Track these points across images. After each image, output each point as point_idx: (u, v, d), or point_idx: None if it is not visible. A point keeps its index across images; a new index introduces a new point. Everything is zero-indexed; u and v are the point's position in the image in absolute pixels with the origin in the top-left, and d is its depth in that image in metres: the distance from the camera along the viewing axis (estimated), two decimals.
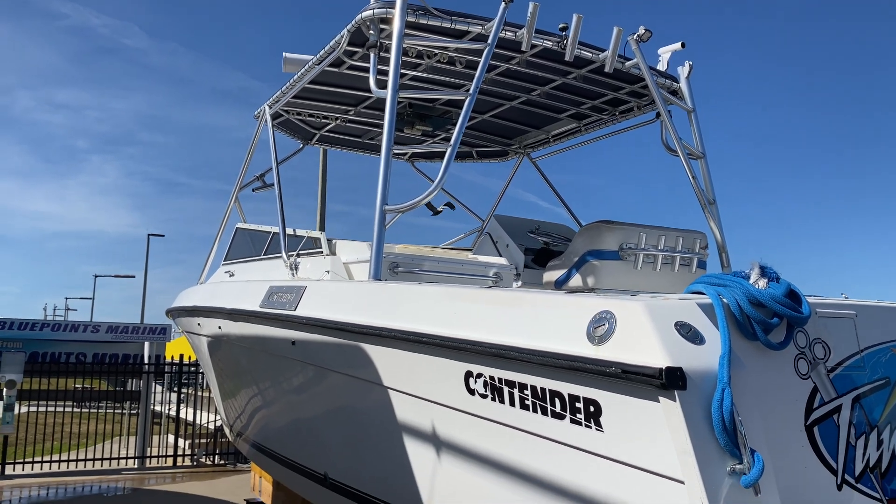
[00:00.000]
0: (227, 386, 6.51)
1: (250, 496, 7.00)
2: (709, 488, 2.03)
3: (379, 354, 3.51)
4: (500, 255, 5.84)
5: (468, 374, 2.95)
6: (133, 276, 43.32)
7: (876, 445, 2.64)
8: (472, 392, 2.94)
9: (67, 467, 10.91)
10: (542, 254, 5.91)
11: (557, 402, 2.53)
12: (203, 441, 11.93)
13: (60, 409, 12.08)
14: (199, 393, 12.15)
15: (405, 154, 7.59)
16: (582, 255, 5.07)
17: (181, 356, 11.72)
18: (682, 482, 2.08)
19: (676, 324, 2.28)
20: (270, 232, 5.81)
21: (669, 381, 2.09)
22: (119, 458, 11.16)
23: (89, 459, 11.02)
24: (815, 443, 2.51)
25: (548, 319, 2.65)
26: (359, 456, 3.97)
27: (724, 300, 2.45)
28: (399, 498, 3.55)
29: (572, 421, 2.47)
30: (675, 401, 2.10)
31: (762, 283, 2.56)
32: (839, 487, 2.52)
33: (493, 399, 2.82)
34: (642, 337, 2.24)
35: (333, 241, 4.91)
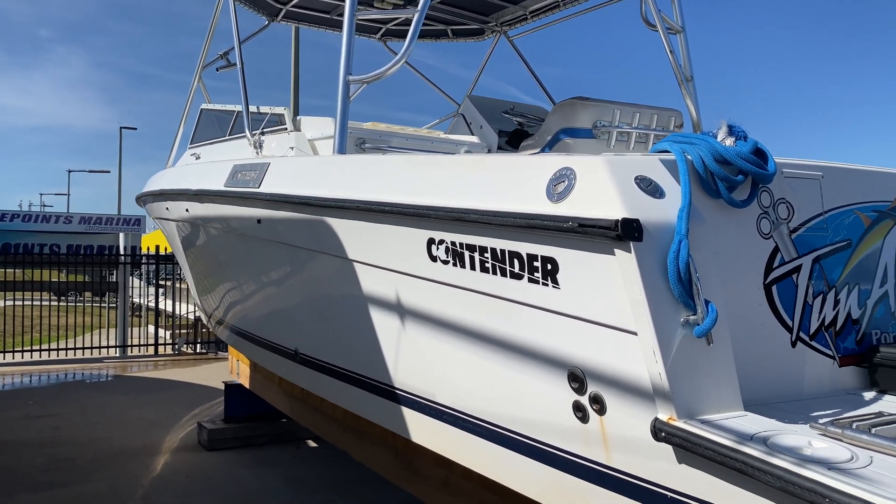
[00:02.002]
0: (200, 271, 6.48)
1: (229, 379, 7.12)
2: (661, 338, 2.03)
3: (342, 227, 3.46)
4: (475, 136, 5.71)
5: (430, 241, 2.90)
6: (108, 172, 42.65)
7: (833, 305, 2.66)
8: (434, 259, 2.91)
9: (49, 356, 11.04)
10: (516, 135, 5.78)
11: (516, 262, 2.50)
12: (184, 331, 12.07)
13: (38, 302, 12.08)
14: (178, 285, 12.19)
15: (377, 31, 7.27)
16: (555, 133, 4.95)
17: (157, 248, 11.66)
18: (636, 333, 2.08)
19: (636, 178, 2.22)
20: (235, 111, 5.61)
21: (625, 233, 2.04)
22: (101, 347, 11.30)
23: (71, 349, 11.15)
24: (772, 301, 2.52)
25: (508, 181, 2.59)
26: (326, 330, 3.99)
27: (689, 157, 2.39)
28: (366, 367, 3.59)
29: (530, 280, 2.45)
30: (630, 252, 2.06)
31: (729, 140, 2.49)
32: (793, 344, 2.56)
33: (455, 264, 2.79)
34: (601, 191, 2.18)
35: (298, 118, 4.75)
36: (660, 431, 2.01)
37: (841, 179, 2.77)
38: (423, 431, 3.28)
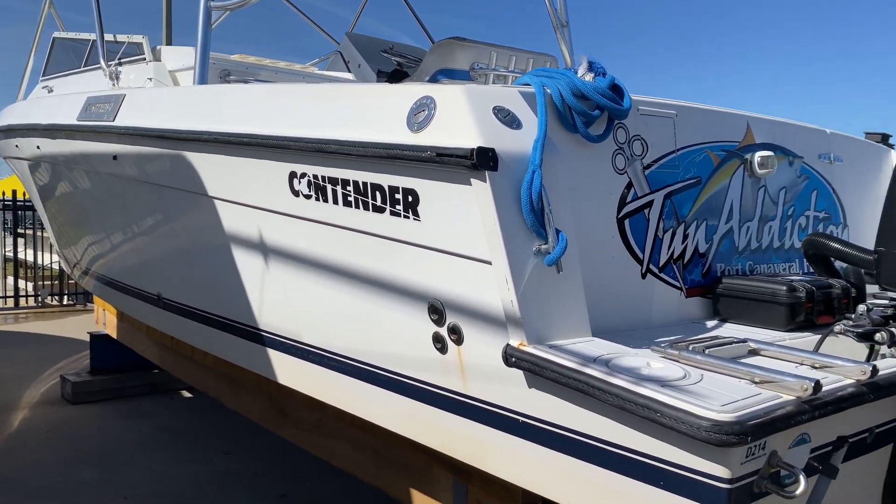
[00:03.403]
0: (57, 216, 6.02)
1: (94, 330, 6.73)
2: (514, 267, 2.05)
3: (202, 162, 3.27)
4: (353, 75, 5.55)
5: (292, 175, 2.80)
6: None
7: (682, 239, 2.79)
8: (296, 193, 2.81)
9: None
10: (394, 75, 5.65)
11: (378, 195, 2.45)
12: (47, 283, 11.30)
13: None
14: (39, 233, 11.33)
15: None
16: (433, 74, 4.87)
17: (14, 192, 10.75)
18: (490, 262, 2.09)
19: (495, 108, 2.20)
20: (90, 40, 5.16)
21: (481, 162, 2.03)
22: None
23: None
24: (624, 234, 2.61)
25: (370, 110, 2.51)
26: (188, 272, 3.81)
27: (549, 91, 2.40)
28: (231, 309, 3.46)
29: (392, 213, 2.41)
30: (485, 182, 2.06)
31: (589, 76, 2.52)
32: (643, 276, 2.67)
33: (318, 199, 2.71)
34: (459, 121, 2.16)
35: (158, 48, 4.43)
36: (510, 357, 2.05)
37: (693, 119, 2.88)
38: (291, 373, 3.22)
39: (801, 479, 1.70)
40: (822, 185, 3.38)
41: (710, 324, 2.74)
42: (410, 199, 2.32)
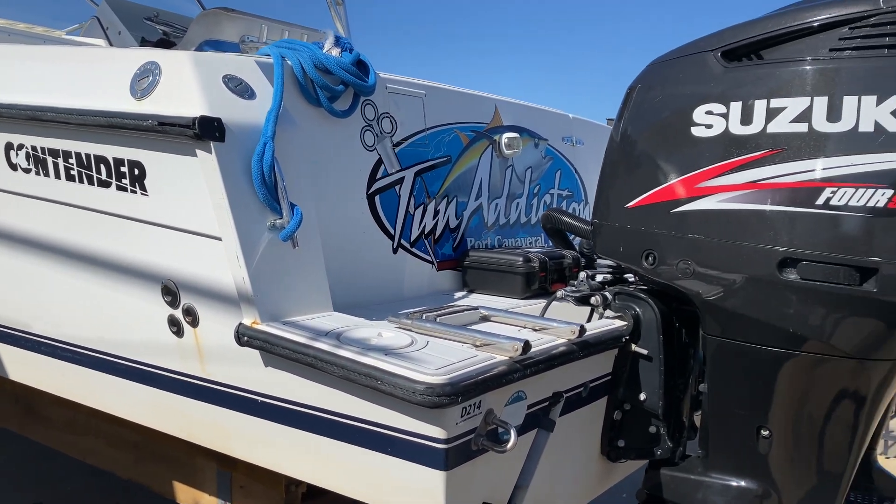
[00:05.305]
0: None
1: None
2: (245, 243, 1.99)
3: None
4: (111, 44, 5.07)
5: (9, 147, 2.50)
6: None
7: (433, 215, 2.89)
8: (14, 167, 2.51)
9: None
10: (161, 44, 5.27)
11: (103, 168, 2.25)
12: None
13: None
14: None
15: None
16: (199, 45, 4.60)
17: None
18: (220, 238, 2.01)
19: (225, 77, 2.11)
20: None
21: (205, 132, 1.93)
22: None
23: None
24: (375, 210, 2.64)
25: (92, 76, 2.31)
26: None
27: (289, 62, 2.35)
28: None
29: (118, 188, 2.23)
30: (211, 153, 1.96)
31: (335, 51, 2.50)
32: (395, 251, 2.72)
33: (38, 173, 2.44)
34: (184, 88, 2.04)
35: None
36: (242, 336, 1.99)
37: (443, 99, 2.98)
38: (23, 368, 2.90)
39: (512, 433, 1.82)
40: (566, 166, 3.67)
41: (458, 294, 2.87)
42: (137, 172, 2.16)
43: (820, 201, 1.86)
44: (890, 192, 1.79)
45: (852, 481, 2.25)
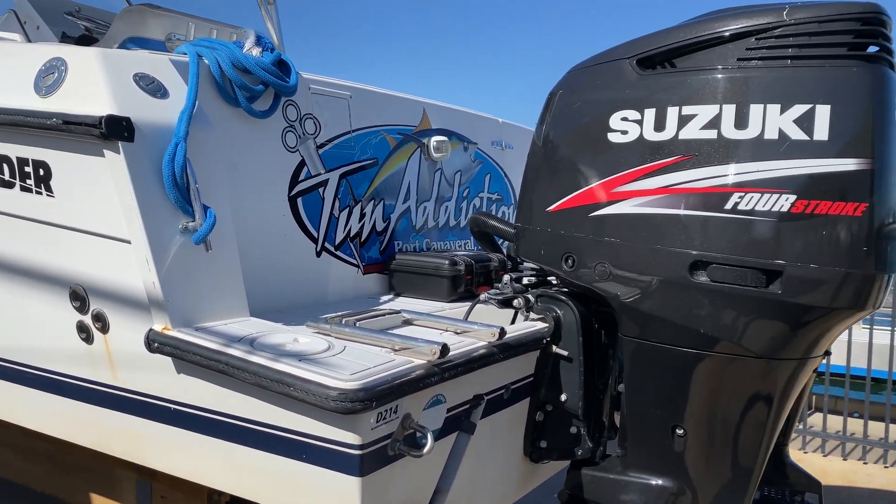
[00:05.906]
0: None
1: None
2: (155, 246, 1.92)
3: None
4: (29, 40, 4.86)
5: None
6: None
7: (358, 218, 2.86)
8: None
9: None
10: (82, 41, 5.08)
11: (6, 168, 2.15)
12: None
13: None
14: None
15: None
16: (122, 42, 4.45)
17: None
18: (129, 242, 1.94)
19: (136, 75, 2.04)
20: None
21: (112, 132, 1.87)
22: None
23: None
24: (297, 213, 2.59)
25: None
26: None
27: (206, 61, 2.29)
28: None
29: (23, 188, 2.13)
30: (120, 154, 1.90)
31: (255, 50, 2.45)
32: (318, 254, 2.68)
33: None
34: (91, 86, 1.96)
35: None
36: (153, 342, 1.92)
37: (369, 101, 2.96)
38: None
39: (429, 438, 1.81)
40: (495, 169, 3.69)
41: (384, 298, 2.85)
42: (42, 172, 2.07)
43: (728, 206, 1.91)
44: (793, 198, 1.86)
45: (767, 477, 2.33)
